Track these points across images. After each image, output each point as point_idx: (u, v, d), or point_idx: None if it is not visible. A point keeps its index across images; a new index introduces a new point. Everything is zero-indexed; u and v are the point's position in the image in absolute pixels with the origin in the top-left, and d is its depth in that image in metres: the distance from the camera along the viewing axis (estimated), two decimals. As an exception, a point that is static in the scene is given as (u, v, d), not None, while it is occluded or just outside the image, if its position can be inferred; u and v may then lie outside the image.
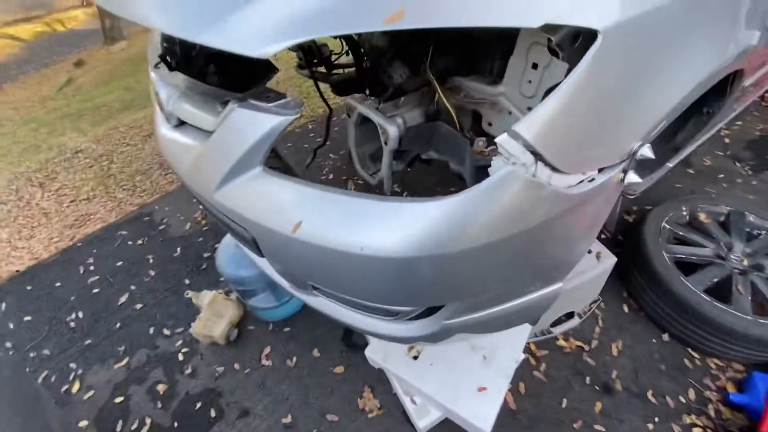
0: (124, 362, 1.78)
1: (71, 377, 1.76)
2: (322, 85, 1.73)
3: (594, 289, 1.67)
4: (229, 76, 1.33)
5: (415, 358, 1.41)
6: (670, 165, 1.34)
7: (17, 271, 2.33)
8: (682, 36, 0.63)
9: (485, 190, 0.61)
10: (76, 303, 2.06)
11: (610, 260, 1.52)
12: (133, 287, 2.09)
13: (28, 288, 2.19)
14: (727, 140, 2.49)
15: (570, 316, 1.71)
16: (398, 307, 0.82)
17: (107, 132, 3.80)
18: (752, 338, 1.38)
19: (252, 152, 0.83)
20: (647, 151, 0.67)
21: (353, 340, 1.73)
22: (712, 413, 1.43)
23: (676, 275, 1.54)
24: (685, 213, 1.78)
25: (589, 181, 0.66)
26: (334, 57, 1.78)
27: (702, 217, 1.75)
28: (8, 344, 1.93)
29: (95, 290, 2.11)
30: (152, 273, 2.15)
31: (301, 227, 0.75)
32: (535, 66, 0.70)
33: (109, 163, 3.27)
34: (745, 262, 1.58)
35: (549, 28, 0.57)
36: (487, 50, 0.80)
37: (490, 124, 0.86)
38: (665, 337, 1.62)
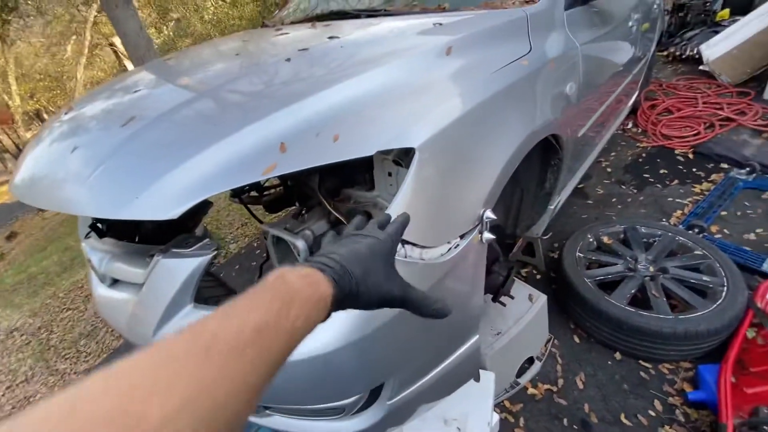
0: None
1: None
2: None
3: (541, 330, 1.79)
4: (165, 226, 1.45)
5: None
6: (552, 207, 1.61)
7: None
8: (481, 131, 0.89)
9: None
10: None
11: (541, 298, 1.68)
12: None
13: None
14: (609, 169, 2.96)
15: (531, 361, 1.78)
16: (342, 401, 0.88)
17: (45, 301, 3.63)
18: (679, 335, 1.53)
19: (180, 294, 0.93)
20: (490, 214, 0.87)
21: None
22: (681, 418, 1.50)
23: (601, 296, 1.72)
24: (591, 240, 2.04)
25: (455, 247, 0.84)
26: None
27: (605, 239, 2.02)
28: None
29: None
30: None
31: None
32: (390, 174, 0.92)
33: (48, 334, 3.08)
34: (651, 269, 1.81)
35: (386, 150, 0.78)
36: (359, 167, 1.03)
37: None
38: (617, 355, 1.73)
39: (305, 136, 0.80)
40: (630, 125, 3.44)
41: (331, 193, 1.03)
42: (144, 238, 1.34)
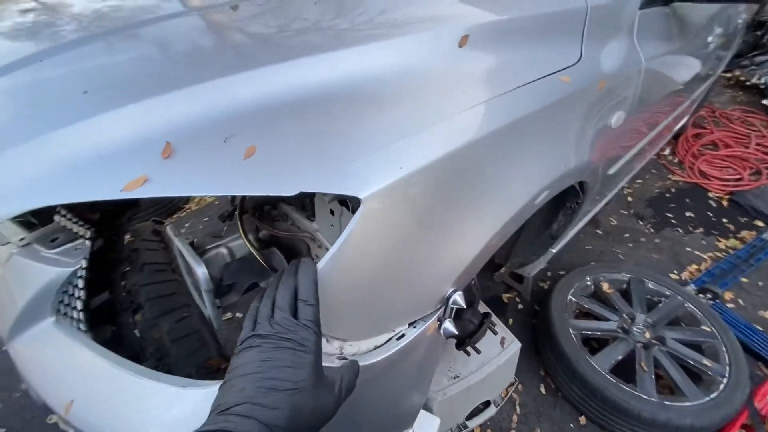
0: None
1: None
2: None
3: (506, 375, 1.59)
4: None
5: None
6: (554, 250, 1.34)
7: None
8: (474, 179, 0.60)
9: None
10: None
11: (514, 346, 1.46)
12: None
13: None
14: (630, 198, 2.64)
15: (487, 404, 1.61)
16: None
17: None
18: (659, 423, 1.34)
19: (36, 303, 0.69)
20: (459, 299, 0.61)
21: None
22: None
23: (582, 355, 1.50)
24: (589, 283, 1.80)
25: (398, 338, 0.59)
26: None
27: (605, 287, 1.77)
28: None
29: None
30: None
31: (71, 407, 0.60)
32: (332, 212, 0.65)
33: None
34: (647, 335, 1.58)
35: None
36: None
37: (317, 256, 0.79)
38: (582, 419, 1.55)
39: (208, 137, 0.52)
40: (667, 152, 3.06)
41: (265, 204, 0.77)
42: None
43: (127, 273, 0.95)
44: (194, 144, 0.52)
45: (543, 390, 1.66)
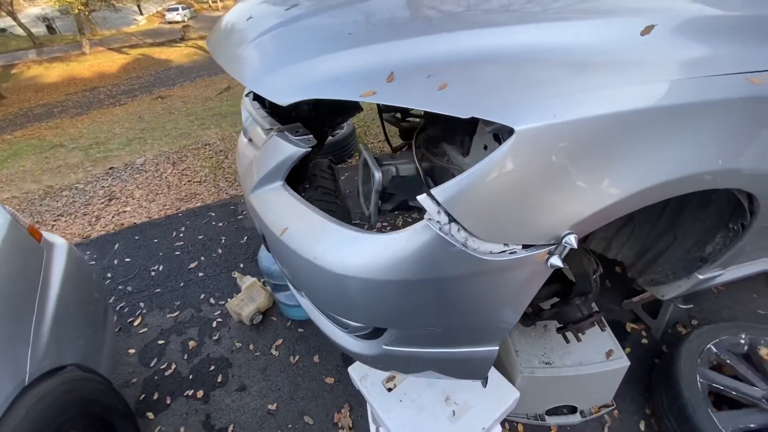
0: (175, 314, 2.18)
1: (137, 313, 2.21)
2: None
3: (602, 390, 1.53)
4: (326, 109, 1.61)
5: (390, 390, 1.48)
6: (701, 276, 1.22)
7: (134, 223, 3.00)
8: (617, 144, 0.68)
9: (406, 236, 0.73)
10: (161, 258, 2.59)
11: (621, 362, 1.41)
12: (202, 258, 2.54)
13: (136, 238, 2.82)
14: None
15: (573, 411, 1.58)
16: (345, 320, 0.95)
17: (232, 134, 4.65)
18: None
19: (276, 169, 1.07)
20: (572, 240, 0.71)
21: (350, 358, 1.85)
22: None
23: (704, 405, 1.34)
24: (743, 342, 1.54)
25: (510, 253, 0.73)
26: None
27: (763, 352, 1.50)
28: (108, 275, 2.51)
29: (177, 252, 2.62)
30: (220, 251, 2.58)
31: (286, 232, 0.95)
32: (485, 147, 0.80)
33: (224, 158, 4.00)
34: (804, 420, 1.31)
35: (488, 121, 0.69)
36: (464, 127, 0.93)
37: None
38: (679, 473, 1.40)
39: (417, 73, 0.75)
40: None
41: (431, 141, 0.99)
42: (298, 118, 1.54)
43: (307, 189, 1.32)
44: (407, 76, 0.76)
45: (642, 427, 1.54)
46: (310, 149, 0.99)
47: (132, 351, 2.01)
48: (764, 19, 0.83)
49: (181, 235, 2.79)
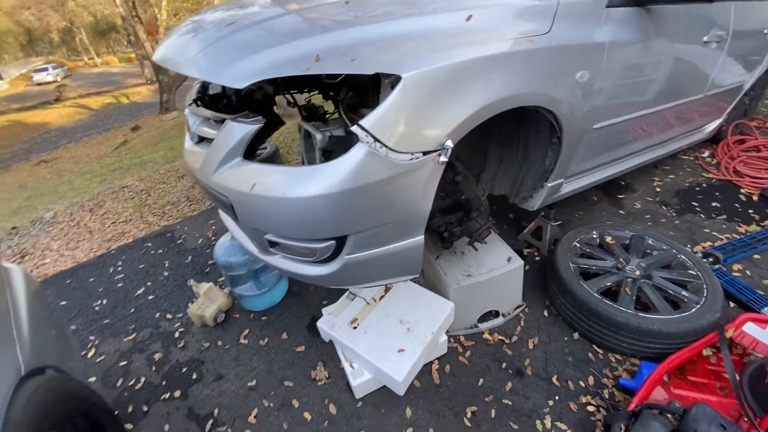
0: (132, 336, 2.20)
1: (89, 346, 2.18)
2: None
3: (512, 291, 2.01)
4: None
5: (355, 327, 1.78)
6: (549, 185, 1.79)
7: (60, 270, 2.86)
8: (465, 80, 1.15)
9: (349, 157, 1.10)
10: (102, 293, 2.55)
11: (517, 262, 1.90)
12: (149, 283, 2.57)
13: (68, 282, 2.71)
14: (658, 189, 2.90)
15: (497, 315, 2.03)
16: (314, 245, 1.26)
17: (149, 174, 4.58)
18: (632, 327, 1.67)
19: (235, 148, 1.36)
20: (449, 143, 1.15)
21: (315, 328, 2.09)
22: (606, 395, 1.68)
23: (576, 279, 1.88)
24: (595, 236, 2.16)
25: (416, 158, 1.14)
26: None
27: (608, 239, 2.13)
28: (45, 321, 2.39)
29: (119, 284, 2.60)
30: (166, 273, 2.63)
31: (255, 186, 1.24)
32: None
33: (146, 197, 3.96)
34: (637, 273, 1.92)
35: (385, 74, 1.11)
36: (372, 89, 1.36)
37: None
38: (575, 335, 1.91)
39: (335, 53, 1.14)
40: (706, 154, 3.24)
41: (351, 108, 1.39)
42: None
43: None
44: (329, 56, 1.14)
45: (546, 314, 2.04)
46: (262, 125, 1.31)
47: (93, 379, 1.99)
48: (541, 4, 1.39)
49: (119, 269, 2.76)
